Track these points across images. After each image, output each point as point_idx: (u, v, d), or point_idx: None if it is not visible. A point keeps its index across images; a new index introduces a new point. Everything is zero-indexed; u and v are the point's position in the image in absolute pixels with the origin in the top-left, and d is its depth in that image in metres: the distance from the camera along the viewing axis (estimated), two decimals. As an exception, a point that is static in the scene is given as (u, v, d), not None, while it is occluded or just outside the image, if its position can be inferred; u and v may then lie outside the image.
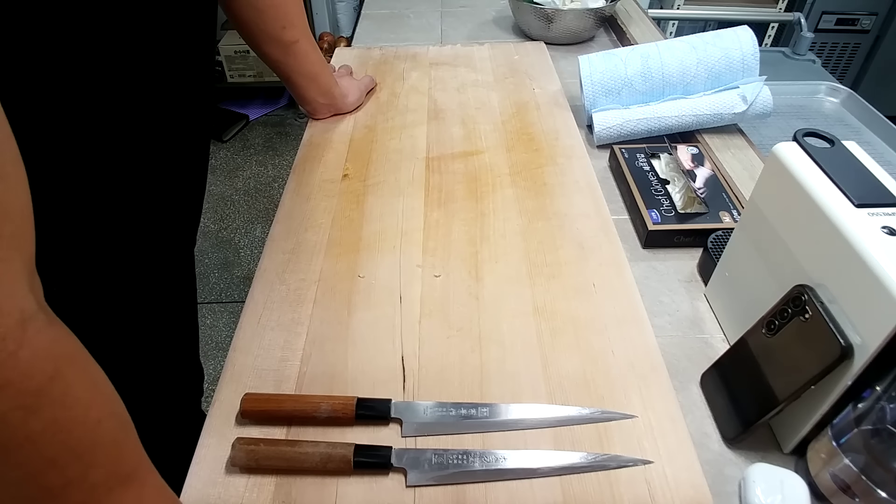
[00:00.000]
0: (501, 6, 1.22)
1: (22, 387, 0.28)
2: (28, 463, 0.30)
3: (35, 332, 0.29)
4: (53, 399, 0.30)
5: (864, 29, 2.01)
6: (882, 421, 0.37)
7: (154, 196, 0.56)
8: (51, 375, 0.30)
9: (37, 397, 0.29)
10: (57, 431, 0.30)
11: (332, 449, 0.43)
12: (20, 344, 0.28)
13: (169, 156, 0.56)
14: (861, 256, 0.37)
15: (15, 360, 0.28)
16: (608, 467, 0.44)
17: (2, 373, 0.28)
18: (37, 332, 0.29)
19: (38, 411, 0.29)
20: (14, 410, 0.28)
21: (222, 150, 2.36)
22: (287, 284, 0.58)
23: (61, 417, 0.30)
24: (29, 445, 0.29)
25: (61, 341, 0.32)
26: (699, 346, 0.54)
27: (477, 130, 0.81)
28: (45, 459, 0.30)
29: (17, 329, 0.28)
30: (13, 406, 0.28)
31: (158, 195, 0.56)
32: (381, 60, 0.98)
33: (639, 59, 0.79)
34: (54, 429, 0.30)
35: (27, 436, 0.29)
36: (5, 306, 0.28)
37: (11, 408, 0.28)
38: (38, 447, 0.30)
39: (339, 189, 0.70)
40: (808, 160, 0.44)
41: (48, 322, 0.30)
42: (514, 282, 0.58)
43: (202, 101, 0.58)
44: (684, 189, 0.67)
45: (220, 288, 1.81)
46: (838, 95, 1.21)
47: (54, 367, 0.30)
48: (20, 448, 0.29)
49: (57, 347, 0.31)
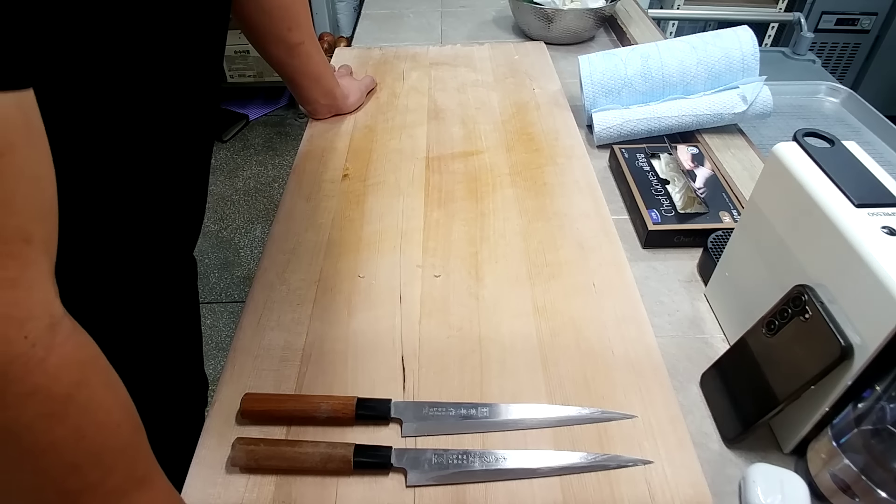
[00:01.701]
0: (501, 6, 1.22)
1: (50, 393, 0.28)
2: (51, 469, 0.29)
3: (63, 338, 0.29)
4: (80, 405, 0.29)
5: (864, 29, 2.01)
6: (882, 421, 0.37)
7: (157, 199, 0.56)
8: (77, 382, 0.29)
9: (64, 404, 0.29)
10: (81, 438, 0.30)
11: (332, 449, 0.43)
12: (49, 350, 0.28)
13: (174, 157, 0.55)
14: (861, 256, 0.37)
15: (45, 367, 0.27)
16: (608, 467, 0.44)
17: (31, 379, 0.27)
18: (65, 337, 0.29)
19: (64, 418, 0.29)
20: (41, 418, 0.28)
21: (222, 150, 2.37)
22: (287, 284, 0.58)
23: (85, 423, 0.30)
24: (52, 452, 0.29)
25: (86, 346, 0.31)
26: (699, 346, 0.54)
27: (477, 130, 0.81)
28: (67, 465, 0.30)
29: (47, 334, 0.28)
30: (40, 413, 0.28)
31: (162, 198, 0.56)
32: (381, 60, 0.98)
33: (639, 59, 0.79)
34: (78, 435, 0.30)
35: (52, 442, 0.29)
36: (36, 310, 0.27)
37: (39, 415, 0.28)
38: (62, 453, 0.29)
39: (340, 189, 0.70)
40: (808, 160, 0.44)
41: (73, 327, 0.30)
42: (514, 282, 0.58)
43: (210, 103, 0.58)
44: (684, 189, 0.67)
45: (220, 288, 1.81)
46: (838, 95, 1.21)
47: (80, 372, 0.30)
48: (44, 454, 0.29)
49: (82, 353, 0.30)
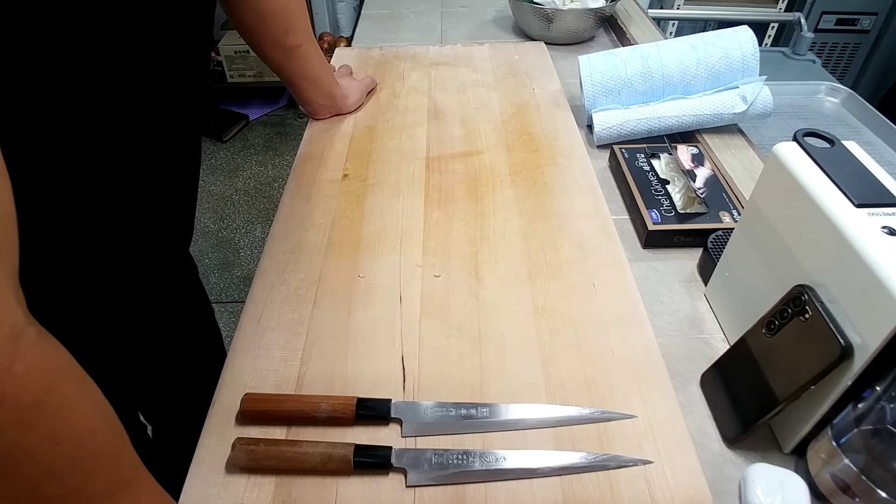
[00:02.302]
0: (501, 6, 1.22)
1: (18, 401, 0.28)
2: (26, 476, 0.30)
3: (28, 346, 0.29)
4: (50, 411, 0.30)
5: (864, 29, 2.01)
6: (882, 421, 0.37)
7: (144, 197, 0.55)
8: (46, 388, 0.29)
9: (34, 411, 0.29)
10: (55, 443, 0.30)
11: (332, 449, 0.43)
12: (14, 358, 0.28)
13: (160, 156, 0.55)
14: (861, 256, 0.37)
15: (10, 375, 0.28)
16: (608, 467, 0.44)
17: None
18: (29, 345, 0.29)
19: (35, 425, 0.29)
20: (11, 425, 0.28)
21: (222, 150, 2.36)
22: (287, 284, 0.58)
23: (58, 429, 0.30)
24: (27, 459, 0.29)
25: (53, 353, 0.31)
26: (699, 346, 0.54)
27: (477, 130, 0.81)
28: (44, 472, 0.30)
29: (10, 343, 0.28)
30: (10, 421, 0.28)
31: (147, 197, 0.55)
32: (381, 60, 0.98)
33: (639, 59, 0.79)
34: (52, 441, 0.30)
35: (24, 449, 0.29)
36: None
37: (8, 423, 0.28)
38: (37, 460, 0.29)
39: (339, 189, 0.70)
40: (808, 160, 0.44)
41: (38, 334, 0.30)
42: (514, 282, 0.58)
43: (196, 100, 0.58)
44: (684, 189, 0.67)
45: (220, 288, 1.81)
46: (838, 95, 1.21)
47: (49, 378, 0.30)
48: (17, 462, 0.29)
49: (50, 359, 0.30)
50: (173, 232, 0.63)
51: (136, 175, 0.52)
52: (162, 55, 0.49)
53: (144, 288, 0.62)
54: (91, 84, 0.44)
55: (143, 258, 0.59)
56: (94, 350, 0.40)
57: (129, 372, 0.67)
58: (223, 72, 2.42)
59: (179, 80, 0.53)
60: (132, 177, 0.52)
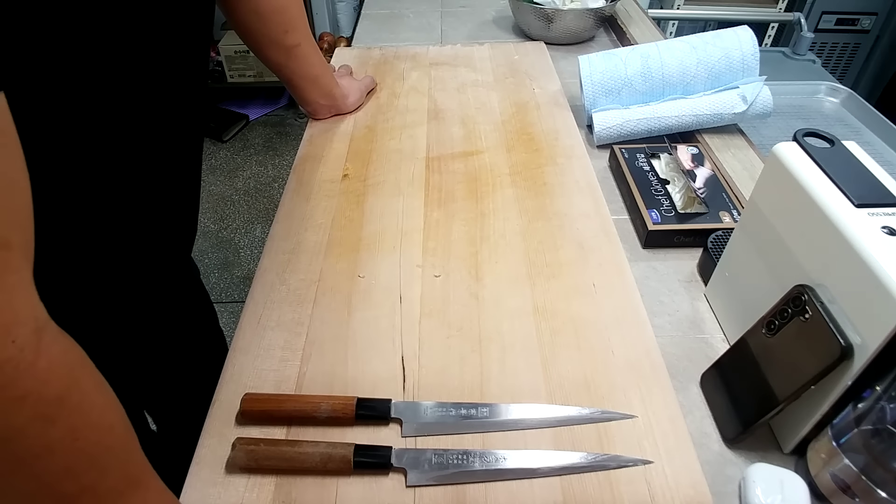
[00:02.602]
0: (501, 6, 1.22)
1: (41, 396, 0.28)
2: (45, 473, 0.30)
3: (50, 341, 0.29)
4: (71, 407, 0.30)
5: (864, 29, 2.01)
6: (882, 421, 0.37)
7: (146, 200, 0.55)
8: (68, 384, 0.29)
9: (56, 406, 0.29)
10: (75, 439, 0.30)
11: (332, 449, 0.43)
12: (38, 354, 0.28)
13: (161, 159, 0.55)
14: (861, 256, 0.37)
15: (34, 370, 0.28)
16: (608, 467, 0.44)
17: (22, 383, 0.27)
18: (51, 340, 0.29)
19: (56, 420, 0.29)
20: (34, 421, 0.28)
21: (222, 150, 2.36)
22: (287, 284, 0.58)
23: (79, 425, 0.30)
24: (47, 455, 0.29)
25: (72, 350, 0.31)
26: (699, 346, 0.54)
27: (477, 130, 0.81)
28: (62, 468, 0.30)
29: (34, 338, 0.28)
30: (33, 417, 0.28)
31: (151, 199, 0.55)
32: (381, 60, 0.98)
33: (639, 59, 0.79)
34: (72, 437, 0.30)
35: (46, 445, 0.29)
36: (22, 315, 0.27)
37: (31, 419, 0.28)
38: (56, 456, 0.29)
39: (339, 189, 0.70)
40: (808, 160, 0.44)
41: (57, 331, 0.30)
42: (514, 282, 0.58)
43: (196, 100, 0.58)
44: (684, 189, 0.67)
45: (220, 288, 1.81)
46: (838, 95, 1.21)
47: (69, 374, 0.30)
48: (38, 458, 0.29)
49: (70, 356, 0.31)
50: (177, 232, 0.63)
51: (139, 176, 0.52)
52: (162, 56, 0.49)
53: (149, 289, 0.62)
54: (91, 85, 0.44)
55: (148, 259, 0.59)
56: (101, 350, 0.40)
57: (134, 372, 0.67)
58: (223, 72, 2.42)
59: (180, 80, 0.53)
60: (135, 178, 0.52)
